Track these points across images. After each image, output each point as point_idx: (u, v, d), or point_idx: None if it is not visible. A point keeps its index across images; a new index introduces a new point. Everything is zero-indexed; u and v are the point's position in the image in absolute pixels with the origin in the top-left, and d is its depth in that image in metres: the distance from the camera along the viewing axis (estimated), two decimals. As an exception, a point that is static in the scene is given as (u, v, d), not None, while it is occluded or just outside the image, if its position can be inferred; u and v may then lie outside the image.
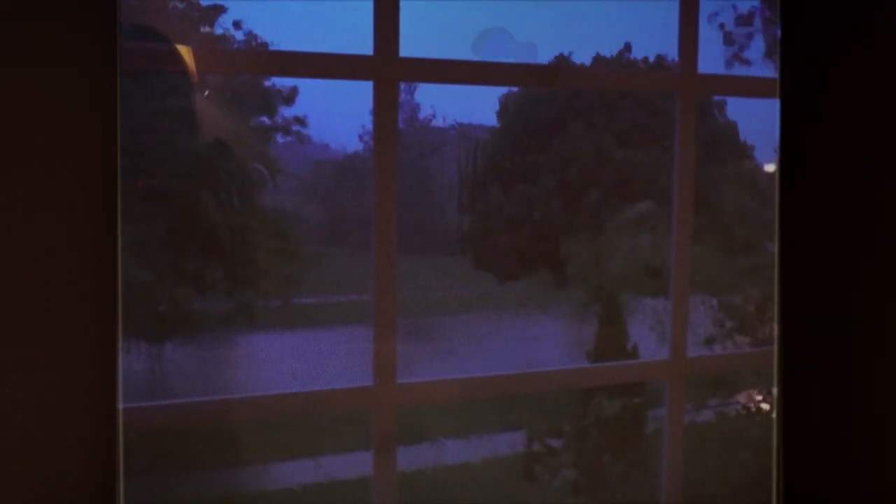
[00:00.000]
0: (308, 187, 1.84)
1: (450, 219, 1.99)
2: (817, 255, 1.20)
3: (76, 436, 1.04)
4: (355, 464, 1.75)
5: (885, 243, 1.14)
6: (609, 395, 2.03)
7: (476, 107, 1.94)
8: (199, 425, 1.53)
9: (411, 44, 1.46)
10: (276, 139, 1.80)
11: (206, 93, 1.54)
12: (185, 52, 1.40)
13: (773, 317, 1.29)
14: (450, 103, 1.89)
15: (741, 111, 2.12)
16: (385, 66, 1.45)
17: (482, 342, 1.99)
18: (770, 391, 1.94)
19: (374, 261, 1.48)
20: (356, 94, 1.50)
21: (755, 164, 2.12)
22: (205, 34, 1.68)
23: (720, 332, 2.10)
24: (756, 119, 1.97)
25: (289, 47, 1.51)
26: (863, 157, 1.17)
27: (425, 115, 1.93)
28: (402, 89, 1.57)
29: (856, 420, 1.17)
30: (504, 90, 2.04)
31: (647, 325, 2.02)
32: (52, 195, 1.02)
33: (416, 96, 1.89)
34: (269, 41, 1.64)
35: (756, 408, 2.15)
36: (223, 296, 1.69)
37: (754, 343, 2.10)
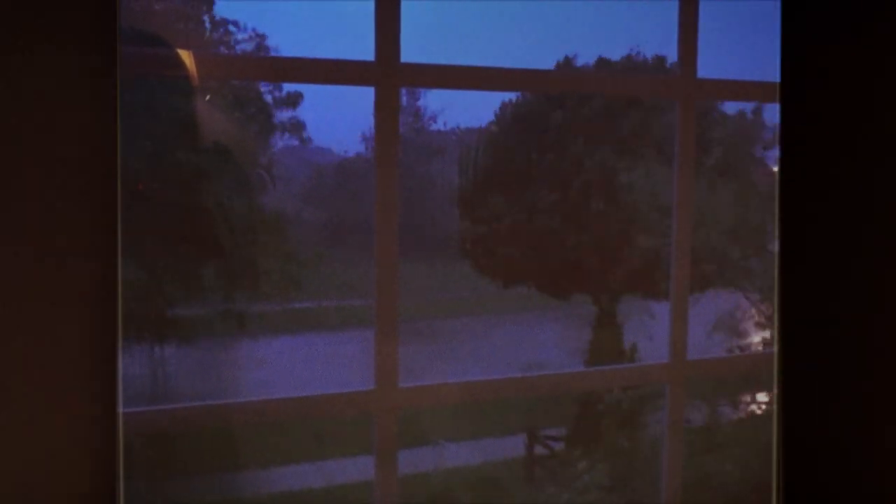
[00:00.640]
0: (309, 191, 1.84)
1: (450, 223, 1.99)
2: (817, 256, 1.21)
3: (76, 439, 1.04)
4: (357, 467, 1.75)
5: (885, 244, 1.15)
6: (610, 397, 2.03)
7: (477, 111, 1.94)
8: (200, 429, 1.53)
9: (411, 45, 1.46)
10: (278, 143, 1.80)
11: (208, 97, 1.55)
12: (187, 56, 1.41)
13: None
14: (451, 107, 1.89)
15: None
16: (386, 71, 1.46)
17: (483, 345, 2.00)
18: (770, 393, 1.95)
19: (376, 264, 1.48)
20: (357, 98, 1.51)
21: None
22: (208, 39, 1.69)
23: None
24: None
25: (291, 53, 1.52)
26: (863, 158, 1.17)
27: (426, 119, 1.94)
28: (403, 93, 1.58)
29: (855, 421, 1.18)
30: (505, 95, 2.04)
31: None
32: (52, 197, 1.02)
33: (417, 100, 1.90)
34: (271, 45, 1.64)
35: (757, 409, 2.16)
36: (223, 299, 1.69)
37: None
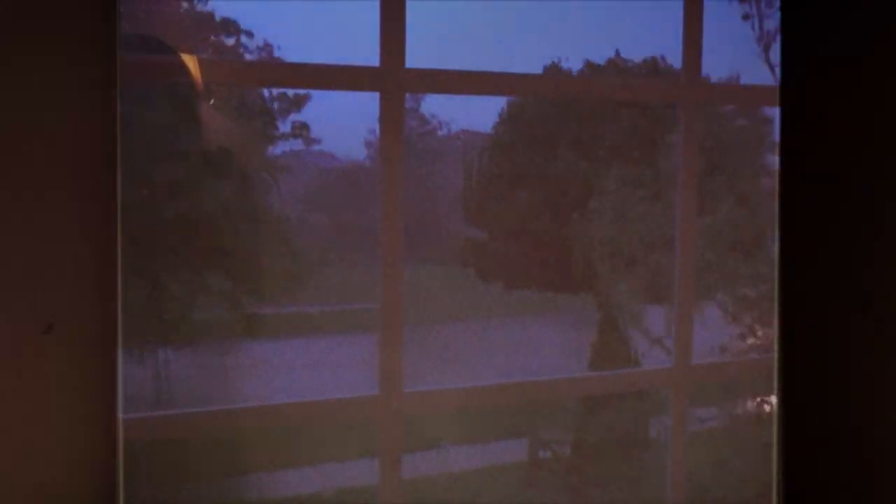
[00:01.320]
0: (314, 195, 1.84)
1: (454, 226, 1.99)
2: (817, 256, 1.21)
3: (76, 445, 1.04)
4: (361, 472, 1.75)
5: (885, 245, 1.15)
6: (613, 401, 2.02)
7: (481, 115, 1.95)
8: (204, 434, 1.53)
9: (415, 51, 1.47)
10: (283, 147, 1.81)
11: (212, 101, 1.56)
12: (193, 62, 1.42)
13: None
14: (455, 112, 1.90)
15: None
16: (391, 77, 1.46)
17: (487, 350, 1.99)
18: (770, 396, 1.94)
19: (381, 269, 1.49)
20: (363, 103, 1.52)
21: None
22: (213, 43, 1.70)
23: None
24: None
25: (296, 57, 1.53)
26: (863, 160, 1.18)
27: (431, 123, 1.94)
28: (407, 98, 1.59)
29: (855, 422, 1.17)
30: (510, 99, 2.04)
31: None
32: (52, 199, 1.03)
33: (422, 106, 1.91)
34: (275, 46, 1.65)
35: (758, 412, 2.15)
36: (228, 303, 1.69)
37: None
